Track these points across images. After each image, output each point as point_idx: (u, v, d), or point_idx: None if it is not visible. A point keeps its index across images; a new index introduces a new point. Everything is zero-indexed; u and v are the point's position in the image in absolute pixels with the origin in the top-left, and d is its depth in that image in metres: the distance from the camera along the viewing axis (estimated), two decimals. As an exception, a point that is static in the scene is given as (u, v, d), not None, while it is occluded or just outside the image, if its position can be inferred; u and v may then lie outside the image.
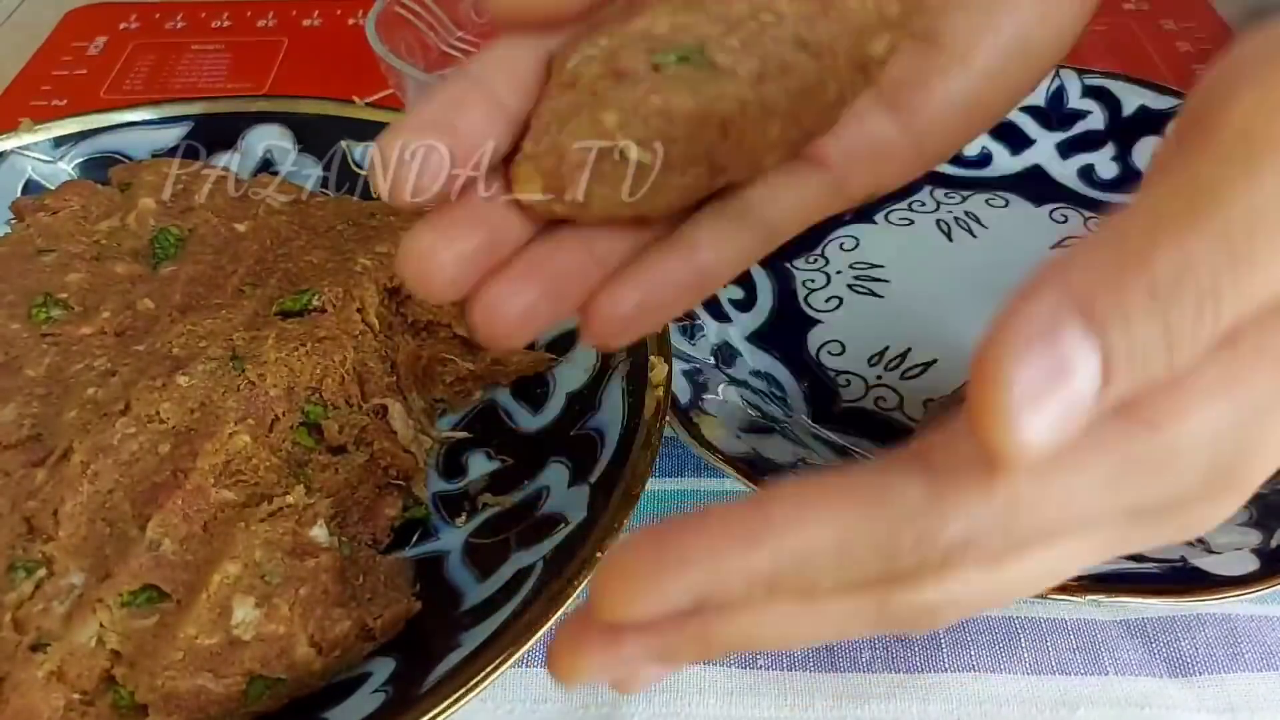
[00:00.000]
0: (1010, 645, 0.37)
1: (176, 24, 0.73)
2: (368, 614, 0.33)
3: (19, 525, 0.32)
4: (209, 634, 0.31)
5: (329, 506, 0.35)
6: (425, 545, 0.37)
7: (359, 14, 0.73)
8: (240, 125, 0.49)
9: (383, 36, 0.54)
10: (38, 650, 0.30)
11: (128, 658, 0.30)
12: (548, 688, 0.36)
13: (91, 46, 0.70)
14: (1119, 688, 0.35)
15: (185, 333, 0.37)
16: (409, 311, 0.41)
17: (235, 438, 0.34)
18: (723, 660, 0.36)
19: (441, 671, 0.30)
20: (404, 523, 0.38)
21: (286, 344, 0.37)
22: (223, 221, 0.44)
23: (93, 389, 0.35)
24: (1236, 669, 0.36)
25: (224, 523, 0.33)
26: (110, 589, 0.31)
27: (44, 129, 0.48)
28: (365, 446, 0.37)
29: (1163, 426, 0.18)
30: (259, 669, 0.31)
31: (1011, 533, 0.18)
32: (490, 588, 0.34)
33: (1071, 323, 0.16)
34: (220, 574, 0.31)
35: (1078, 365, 0.16)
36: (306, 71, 0.68)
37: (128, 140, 0.49)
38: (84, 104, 0.63)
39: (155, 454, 0.34)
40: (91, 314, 0.39)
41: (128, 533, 0.32)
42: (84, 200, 0.44)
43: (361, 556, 0.35)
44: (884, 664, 0.36)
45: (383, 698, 0.31)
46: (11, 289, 0.40)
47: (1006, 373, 0.16)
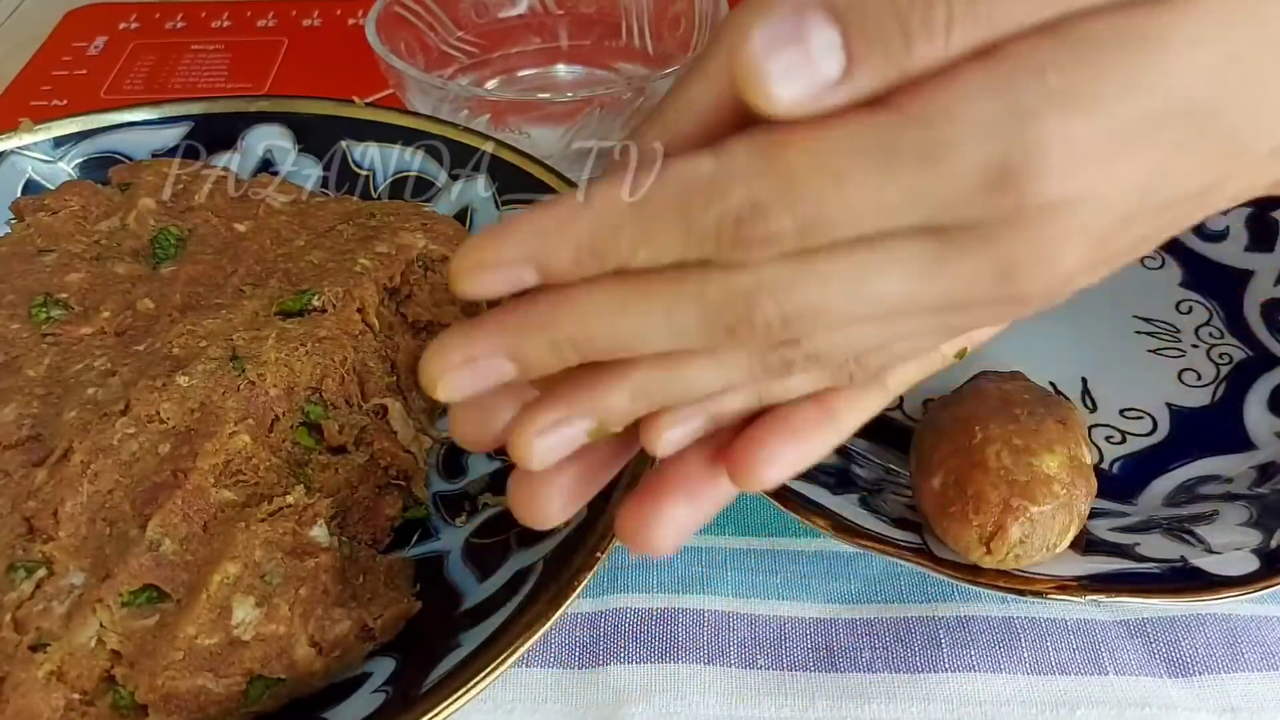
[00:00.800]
0: (1010, 645, 0.37)
1: (176, 24, 0.73)
2: (368, 614, 0.33)
3: (19, 525, 0.32)
4: (209, 634, 0.31)
5: (329, 506, 0.35)
6: (425, 545, 0.37)
7: (359, 14, 0.73)
8: (240, 125, 0.49)
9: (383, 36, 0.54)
10: (38, 650, 0.30)
11: (128, 658, 0.30)
12: (548, 687, 0.36)
13: (91, 46, 0.70)
14: (1119, 688, 0.35)
15: (185, 333, 0.37)
16: (409, 311, 0.41)
17: (235, 438, 0.34)
18: (722, 661, 0.36)
19: (441, 671, 0.30)
20: (404, 523, 0.38)
21: (286, 344, 0.37)
22: (223, 221, 0.44)
23: (93, 389, 0.35)
24: (1236, 669, 0.36)
25: (224, 523, 0.33)
26: (110, 589, 0.31)
27: (44, 129, 0.48)
28: (365, 446, 0.37)
29: (918, 114, 0.19)
30: (259, 669, 0.31)
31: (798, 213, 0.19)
32: (490, 588, 0.34)
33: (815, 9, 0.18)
34: (220, 574, 0.31)
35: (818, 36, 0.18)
36: (306, 71, 0.68)
37: (128, 140, 0.49)
38: (84, 104, 0.63)
39: (155, 454, 0.34)
40: (91, 314, 0.39)
41: (128, 533, 0.32)
42: (84, 200, 0.44)
43: (361, 556, 0.35)
44: (884, 664, 0.36)
45: (383, 698, 0.31)
46: (11, 289, 0.40)
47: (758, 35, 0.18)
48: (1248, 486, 0.40)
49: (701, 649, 0.36)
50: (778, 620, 0.37)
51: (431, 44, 0.60)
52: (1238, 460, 0.42)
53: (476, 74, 0.62)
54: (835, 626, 0.37)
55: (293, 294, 0.39)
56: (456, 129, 0.48)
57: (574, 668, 0.36)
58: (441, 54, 0.61)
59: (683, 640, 0.37)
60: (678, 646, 0.36)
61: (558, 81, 0.62)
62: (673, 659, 0.36)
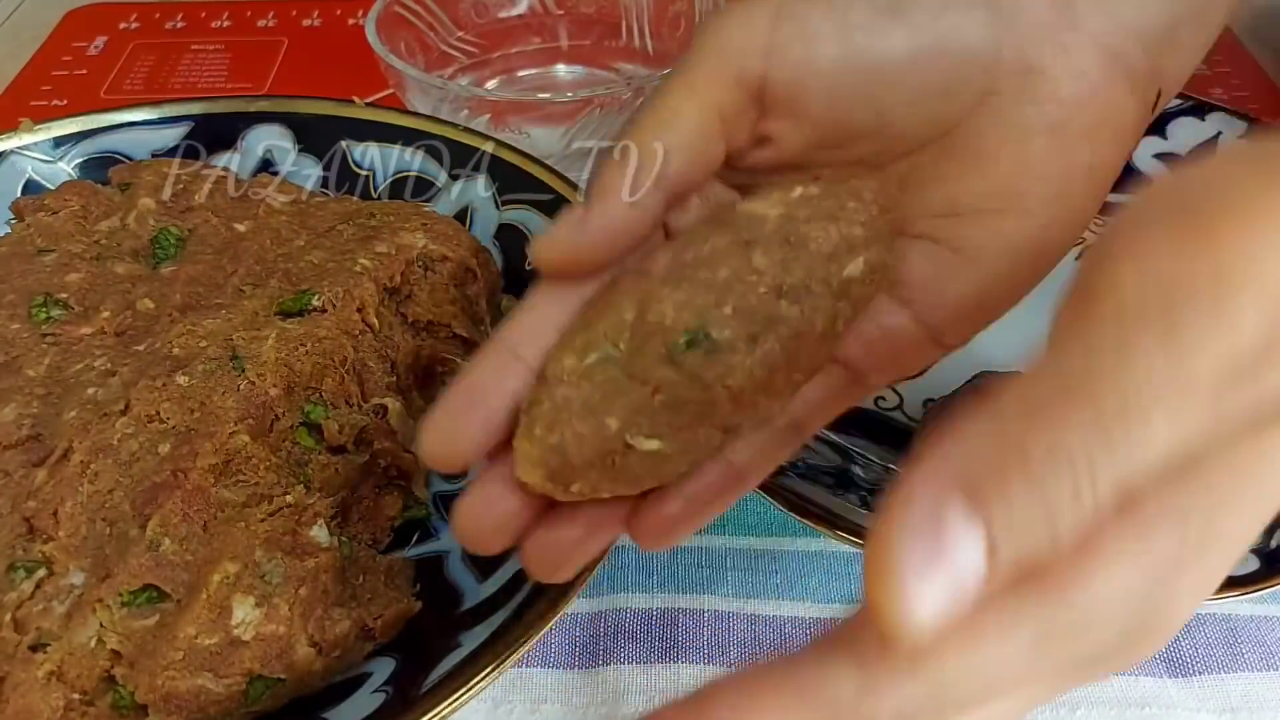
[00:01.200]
0: (1010, 645, 0.36)
1: (176, 24, 0.73)
2: (368, 614, 0.33)
3: (19, 525, 0.32)
4: (209, 634, 0.31)
5: (329, 506, 0.35)
6: (425, 545, 0.37)
7: (359, 14, 0.73)
8: (240, 125, 0.49)
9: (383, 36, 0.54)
10: (38, 650, 0.30)
11: (128, 658, 0.30)
12: (548, 687, 0.36)
13: (91, 46, 0.70)
14: (1119, 688, 0.35)
15: (185, 333, 0.37)
16: (409, 311, 0.41)
17: (235, 437, 0.34)
18: (722, 661, 0.36)
19: (441, 671, 0.30)
20: (404, 523, 0.38)
21: (286, 344, 0.37)
22: (223, 221, 0.44)
23: (93, 389, 0.35)
24: (1236, 669, 0.36)
25: (224, 523, 0.33)
26: (110, 589, 0.31)
27: (44, 129, 0.48)
28: (365, 446, 0.37)
29: (1069, 596, 0.19)
30: (259, 669, 0.31)
31: (943, 707, 0.19)
32: (490, 588, 0.34)
33: (954, 503, 0.17)
34: (220, 574, 0.31)
35: (961, 540, 0.17)
36: (306, 71, 0.68)
37: (128, 140, 0.49)
38: (84, 104, 0.63)
39: (155, 454, 0.34)
40: (91, 314, 0.39)
41: (128, 533, 0.32)
42: (84, 200, 0.44)
43: (361, 556, 0.35)
44: (884, 664, 0.36)
45: (383, 698, 0.31)
46: (11, 289, 0.40)
47: (895, 553, 0.17)
48: (1248, 486, 0.40)
49: (701, 649, 0.36)
50: (778, 620, 0.37)
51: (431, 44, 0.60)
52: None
53: (476, 74, 0.62)
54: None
55: (293, 294, 0.39)
56: (456, 129, 0.48)
57: (574, 668, 0.36)
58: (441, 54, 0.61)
59: (683, 640, 0.37)
60: (678, 646, 0.36)
61: (558, 81, 0.62)
62: (673, 659, 0.36)
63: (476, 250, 0.43)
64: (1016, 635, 0.19)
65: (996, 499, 0.17)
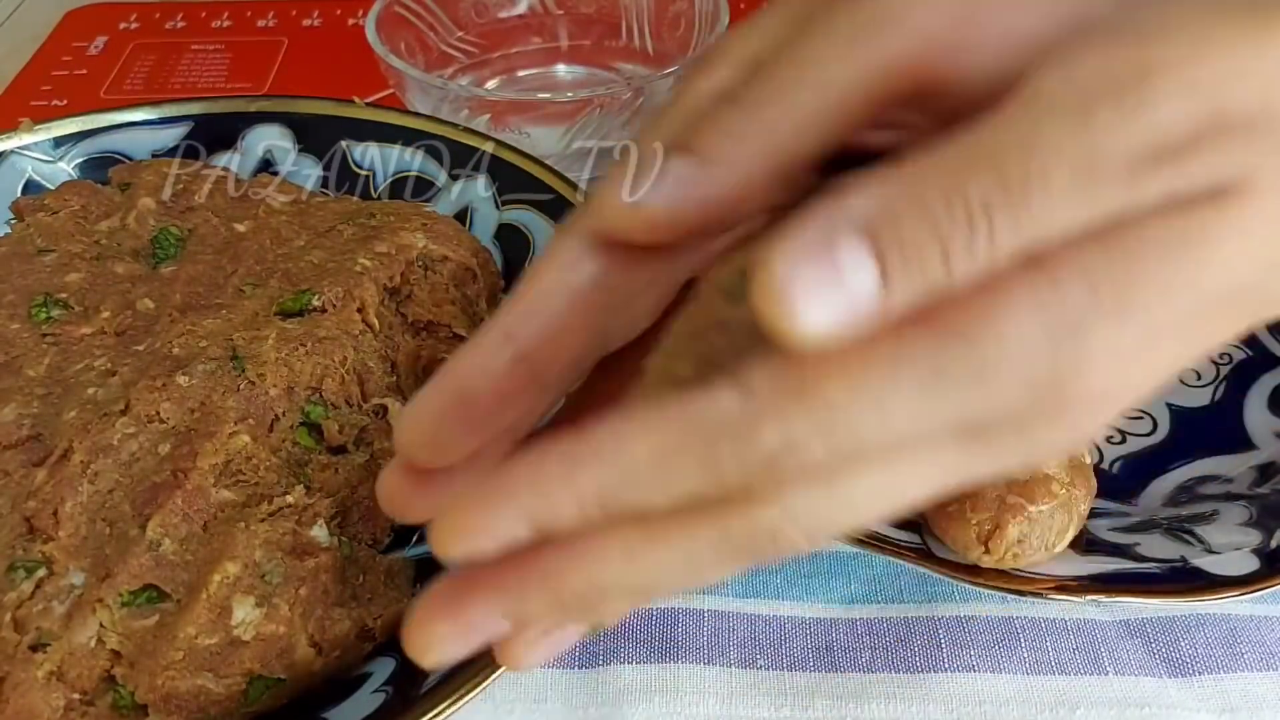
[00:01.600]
0: (1009, 645, 0.37)
1: (176, 24, 0.73)
2: (368, 614, 0.33)
3: (19, 525, 0.32)
4: (209, 634, 0.31)
5: (329, 506, 0.35)
6: (425, 545, 0.37)
7: (359, 14, 0.73)
8: (240, 125, 0.49)
9: (383, 36, 0.54)
10: (38, 650, 0.30)
11: (128, 658, 0.31)
12: (548, 687, 0.36)
13: (91, 46, 0.70)
14: (1118, 688, 0.35)
15: (185, 333, 0.37)
16: (409, 311, 0.41)
17: (235, 438, 0.34)
18: (722, 661, 0.36)
19: (442, 671, 0.30)
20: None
21: (286, 344, 0.37)
22: (223, 221, 0.44)
23: (93, 389, 0.35)
24: (1236, 669, 0.36)
25: (224, 523, 0.33)
26: (110, 589, 0.31)
27: (44, 129, 0.48)
28: (365, 446, 0.37)
29: (967, 334, 0.18)
30: (259, 669, 0.31)
31: (833, 442, 0.18)
32: (490, 588, 0.34)
33: (846, 231, 0.17)
34: (220, 574, 0.31)
35: (852, 262, 0.17)
36: (306, 71, 0.68)
37: (128, 140, 0.49)
38: (84, 104, 0.63)
39: (155, 454, 0.34)
40: (91, 314, 0.39)
41: (128, 533, 0.32)
42: (84, 200, 0.44)
43: (361, 556, 0.35)
44: (884, 664, 0.36)
45: (383, 698, 0.31)
46: (11, 289, 0.40)
47: (785, 266, 0.17)
48: (1248, 486, 0.40)
49: (701, 649, 0.36)
50: (778, 620, 0.38)
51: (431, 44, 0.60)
52: (1238, 460, 0.42)
53: (476, 74, 0.62)
54: (835, 626, 0.37)
55: (293, 294, 0.39)
56: (456, 129, 0.48)
57: (574, 668, 0.36)
58: (441, 54, 0.61)
59: (682, 640, 0.37)
60: (678, 646, 0.36)
61: (558, 81, 0.62)
62: (672, 659, 0.36)
63: (477, 250, 0.43)
64: (910, 368, 0.18)
65: (888, 230, 0.17)
